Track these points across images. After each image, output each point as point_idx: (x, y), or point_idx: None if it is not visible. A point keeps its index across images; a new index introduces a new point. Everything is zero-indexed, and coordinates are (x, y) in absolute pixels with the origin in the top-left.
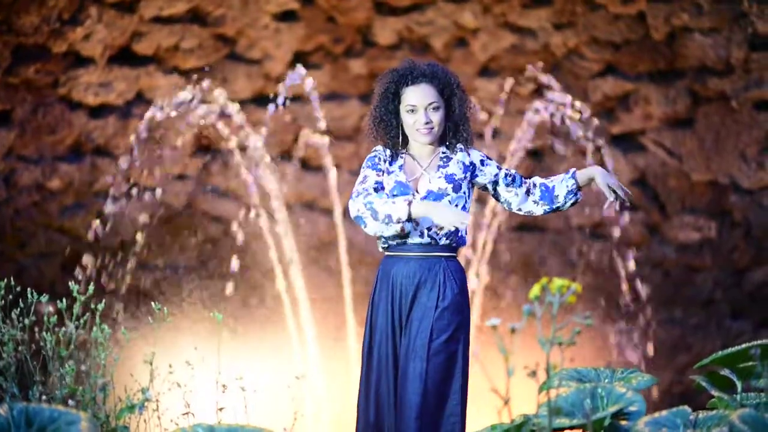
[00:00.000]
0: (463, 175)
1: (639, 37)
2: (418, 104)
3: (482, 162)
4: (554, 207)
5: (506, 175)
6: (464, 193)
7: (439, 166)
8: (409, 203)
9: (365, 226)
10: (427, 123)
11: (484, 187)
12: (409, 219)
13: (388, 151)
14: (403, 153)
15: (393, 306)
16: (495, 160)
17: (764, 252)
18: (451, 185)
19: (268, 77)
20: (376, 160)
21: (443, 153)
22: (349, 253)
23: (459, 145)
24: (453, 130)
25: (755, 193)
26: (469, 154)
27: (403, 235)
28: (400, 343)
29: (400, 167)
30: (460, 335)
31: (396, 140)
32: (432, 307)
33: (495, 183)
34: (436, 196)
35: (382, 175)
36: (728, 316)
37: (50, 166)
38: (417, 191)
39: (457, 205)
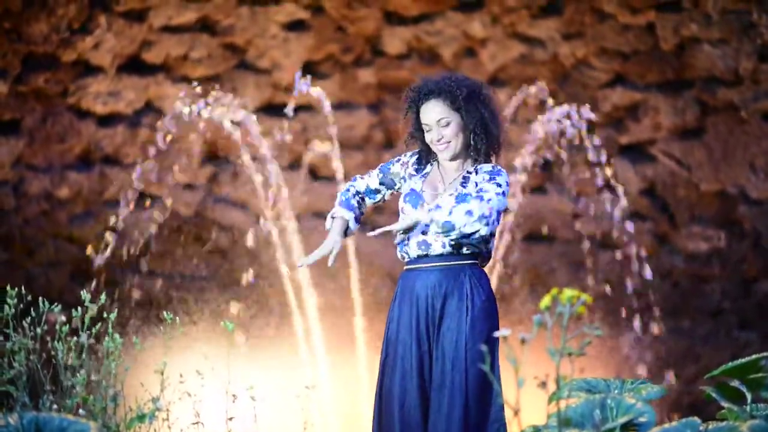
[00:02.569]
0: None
1: (648, 47)
2: (430, 122)
3: (483, 179)
4: None
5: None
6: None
7: (459, 185)
8: (334, 218)
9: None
10: (439, 140)
11: None
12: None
13: (415, 158)
14: (434, 162)
15: (419, 319)
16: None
17: None
18: None
19: (278, 87)
20: (393, 162)
21: (468, 172)
22: (359, 263)
23: (487, 164)
24: (470, 142)
25: (764, 204)
26: (477, 173)
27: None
28: (427, 355)
29: (425, 175)
30: (493, 341)
31: (428, 152)
32: (463, 316)
33: None
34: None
35: (380, 184)
36: (737, 326)
37: (59, 175)
38: (427, 202)
39: (477, 231)
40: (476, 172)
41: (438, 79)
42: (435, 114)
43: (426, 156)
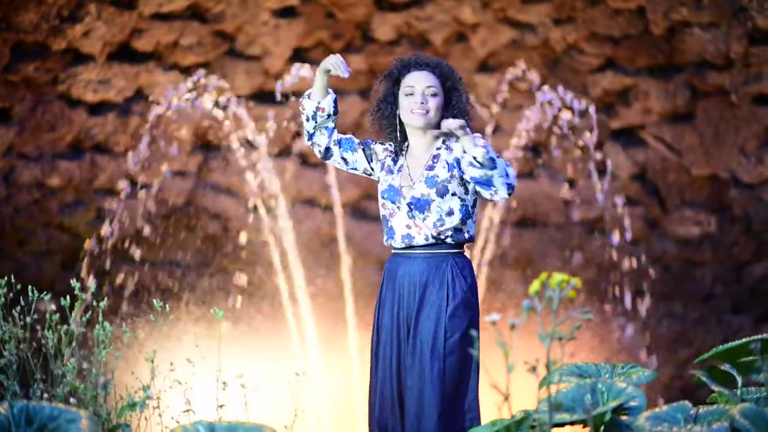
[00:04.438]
0: (448, 175)
1: (638, 31)
2: (417, 86)
3: (465, 151)
4: None
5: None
6: (454, 194)
7: (427, 168)
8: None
9: (304, 134)
10: (422, 104)
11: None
12: (310, 97)
13: (392, 152)
14: (404, 152)
15: (400, 306)
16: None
17: (764, 246)
18: (434, 189)
19: (268, 73)
20: (376, 142)
21: (437, 150)
22: (349, 250)
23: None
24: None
25: (755, 188)
26: (452, 150)
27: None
28: (405, 342)
29: (399, 169)
30: (472, 331)
31: (393, 129)
32: (443, 305)
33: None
34: (421, 203)
35: (362, 149)
36: (728, 310)
37: (50, 164)
38: (403, 196)
39: (452, 210)
40: (449, 149)
41: (433, 58)
42: (426, 81)
43: (392, 136)
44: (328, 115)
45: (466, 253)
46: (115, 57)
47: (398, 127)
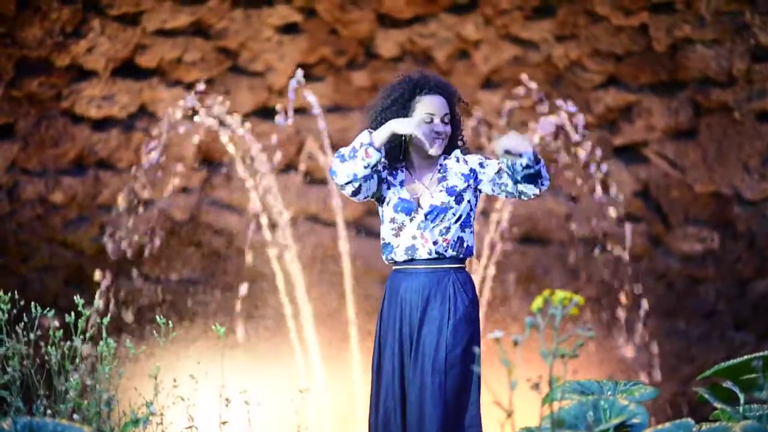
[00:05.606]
0: (465, 185)
1: (641, 48)
2: (437, 113)
3: (482, 165)
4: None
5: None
6: (468, 202)
7: (440, 180)
8: (369, 131)
9: (336, 176)
10: (444, 134)
11: (492, 189)
12: (375, 146)
13: (386, 163)
14: (402, 166)
15: (402, 322)
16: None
17: (767, 263)
18: (453, 197)
19: (271, 90)
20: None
21: (441, 164)
22: (353, 266)
23: (457, 155)
24: (453, 140)
25: (758, 204)
26: (467, 162)
27: (371, 165)
28: (408, 357)
29: (401, 183)
30: (473, 346)
31: (398, 145)
32: (444, 320)
33: (498, 181)
34: (440, 210)
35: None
36: (731, 327)
37: (53, 180)
38: (420, 206)
39: (461, 216)
40: (458, 160)
41: (439, 79)
42: (443, 108)
43: (396, 156)
44: (384, 167)
45: (467, 269)
46: (119, 73)
47: (402, 144)
